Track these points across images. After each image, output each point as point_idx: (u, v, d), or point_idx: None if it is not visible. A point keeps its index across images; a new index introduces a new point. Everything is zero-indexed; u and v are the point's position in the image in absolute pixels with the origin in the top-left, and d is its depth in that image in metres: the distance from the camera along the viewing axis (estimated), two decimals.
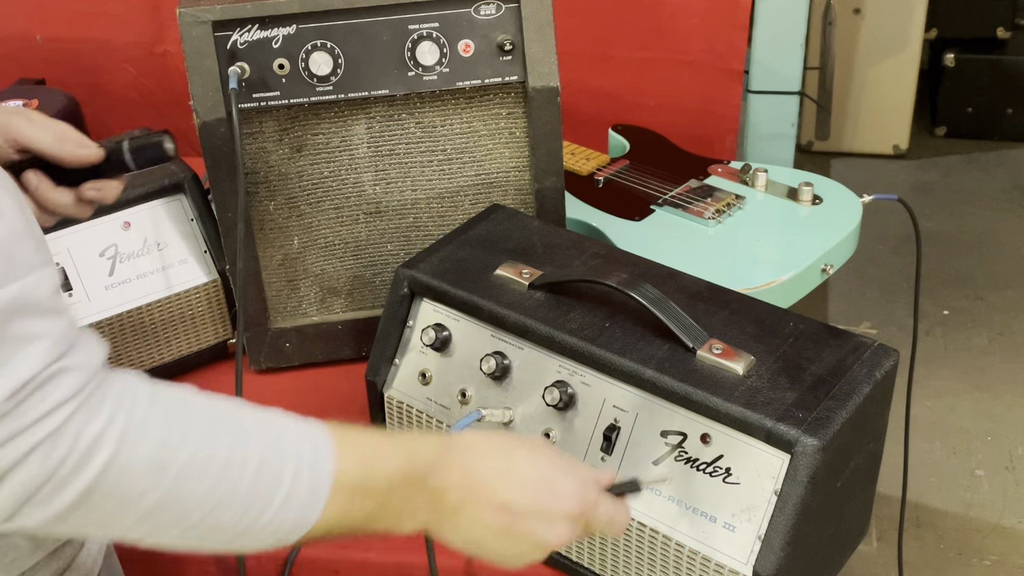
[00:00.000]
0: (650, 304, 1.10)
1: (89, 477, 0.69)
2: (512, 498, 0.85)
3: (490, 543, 0.86)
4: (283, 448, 0.78)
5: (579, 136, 1.86)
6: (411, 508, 0.84)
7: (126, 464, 0.70)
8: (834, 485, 1.06)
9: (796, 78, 2.35)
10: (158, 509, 0.72)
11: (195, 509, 0.74)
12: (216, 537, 0.76)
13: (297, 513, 0.77)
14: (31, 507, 0.69)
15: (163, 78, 2.42)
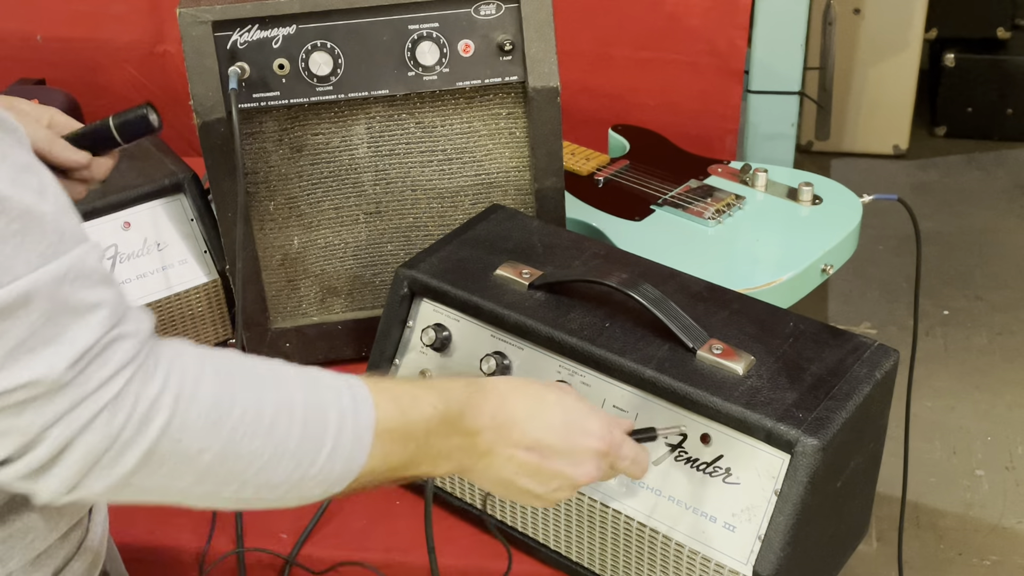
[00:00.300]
0: (650, 304, 1.10)
1: (150, 439, 0.71)
2: (542, 437, 0.88)
3: (521, 482, 0.89)
4: (325, 400, 0.80)
5: (579, 136, 1.86)
6: (447, 450, 0.87)
7: (183, 424, 0.72)
8: (834, 485, 1.06)
9: (796, 78, 2.35)
10: (215, 467, 0.74)
11: (249, 465, 0.76)
12: (269, 492, 0.78)
13: (344, 462, 0.80)
14: (95, 474, 0.70)
15: (163, 78, 2.42)
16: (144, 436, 0.71)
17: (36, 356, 0.67)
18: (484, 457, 0.88)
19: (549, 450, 0.89)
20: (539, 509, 1.17)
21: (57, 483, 0.71)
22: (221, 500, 0.78)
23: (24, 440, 0.69)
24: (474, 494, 1.24)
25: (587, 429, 0.91)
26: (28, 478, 0.71)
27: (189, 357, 0.75)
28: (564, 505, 1.14)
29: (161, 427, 0.71)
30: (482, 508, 1.24)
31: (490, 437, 0.88)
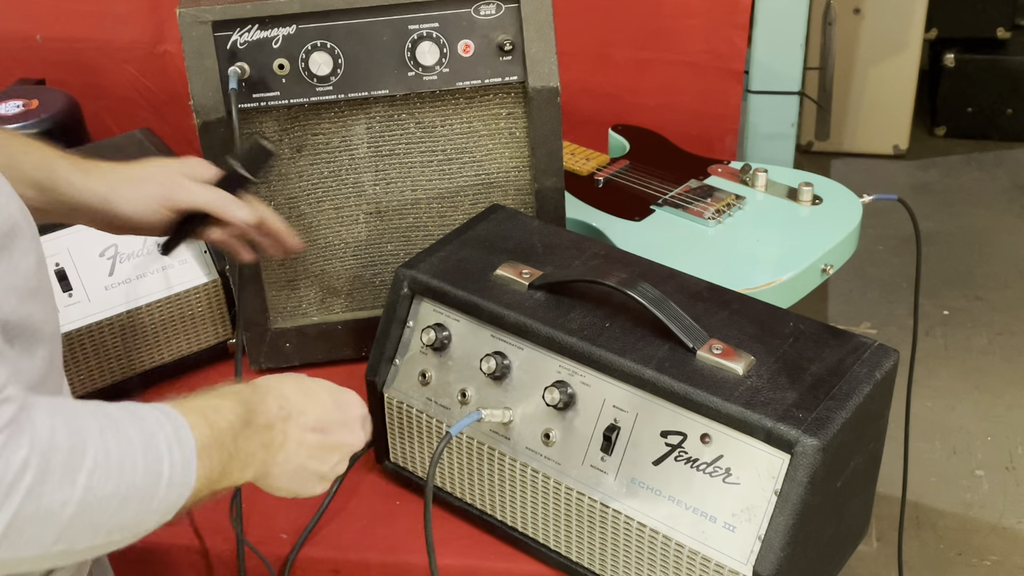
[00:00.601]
0: (650, 304, 1.10)
1: (15, 503, 0.70)
2: (321, 416, 0.99)
3: (311, 466, 0.98)
4: (154, 433, 0.81)
5: (579, 136, 1.86)
6: (251, 451, 0.91)
7: (44, 479, 0.71)
8: (834, 485, 1.06)
9: (796, 78, 2.35)
10: (75, 519, 0.74)
11: (105, 510, 0.76)
12: (119, 534, 0.79)
13: (178, 488, 0.82)
14: None
15: (163, 78, 2.42)
16: (11, 501, 0.69)
17: None
18: (281, 449, 0.95)
19: (330, 425, 0.99)
20: (539, 509, 1.17)
21: None
22: (71, 556, 0.77)
23: None
24: (474, 494, 1.24)
25: (349, 400, 1.03)
26: None
27: (41, 408, 0.74)
28: (564, 505, 1.14)
29: (26, 489, 0.70)
30: (482, 508, 1.24)
31: (281, 428, 0.95)
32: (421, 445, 1.27)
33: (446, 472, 1.25)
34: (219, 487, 0.88)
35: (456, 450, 1.22)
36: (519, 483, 1.18)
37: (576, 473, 1.12)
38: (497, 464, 1.19)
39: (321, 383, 1.03)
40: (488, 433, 1.18)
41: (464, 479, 1.24)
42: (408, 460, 1.30)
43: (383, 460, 1.33)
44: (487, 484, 1.21)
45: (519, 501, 1.19)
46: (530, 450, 1.15)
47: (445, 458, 1.24)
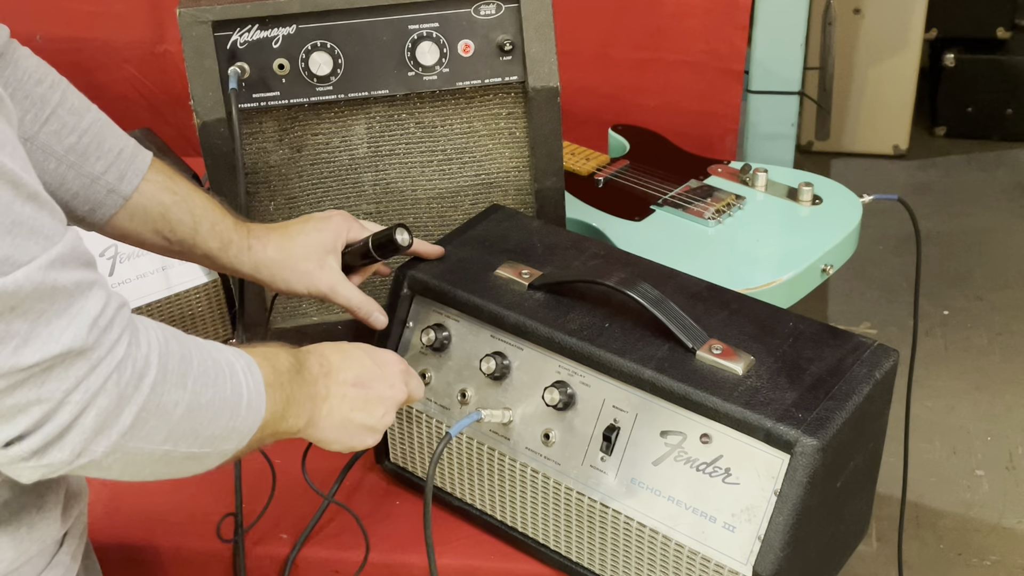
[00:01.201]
0: (649, 304, 1.10)
1: (143, 395, 0.77)
2: (359, 373, 1.06)
3: (356, 418, 1.05)
4: (232, 361, 0.89)
5: (579, 136, 1.87)
6: (301, 399, 0.98)
7: (164, 378, 0.79)
8: (834, 485, 1.06)
9: (796, 78, 2.35)
10: (183, 419, 0.81)
11: (204, 415, 0.83)
12: (209, 445, 0.86)
13: (253, 414, 0.89)
14: (100, 437, 0.75)
15: (163, 78, 2.42)
16: (140, 392, 0.77)
17: (60, 328, 0.72)
18: (325, 401, 1.02)
19: (369, 380, 1.06)
20: (539, 509, 1.17)
21: (67, 452, 0.74)
22: (171, 462, 0.83)
23: (46, 410, 0.73)
24: (474, 494, 1.24)
25: (387, 358, 1.10)
26: (38, 453, 0.74)
27: (143, 318, 0.82)
28: (564, 505, 1.14)
29: (152, 382, 0.78)
30: (482, 508, 1.24)
31: (324, 383, 1.02)
32: (421, 445, 1.27)
33: (446, 472, 1.25)
34: (280, 428, 0.95)
35: (456, 450, 1.22)
36: (519, 483, 1.18)
37: (576, 473, 1.12)
38: (497, 464, 1.19)
39: (358, 345, 1.10)
40: (488, 433, 1.18)
41: (464, 479, 1.24)
42: (408, 460, 1.30)
43: (383, 460, 1.33)
44: (487, 484, 1.22)
45: (519, 501, 1.19)
46: (530, 450, 1.15)
47: (445, 458, 1.24)
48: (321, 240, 1.20)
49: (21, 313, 0.70)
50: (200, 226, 1.16)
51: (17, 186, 0.71)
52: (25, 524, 0.89)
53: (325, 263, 1.20)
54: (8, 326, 0.70)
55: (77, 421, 0.74)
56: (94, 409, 0.74)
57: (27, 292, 0.70)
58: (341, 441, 1.06)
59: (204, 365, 0.84)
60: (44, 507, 0.91)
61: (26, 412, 0.72)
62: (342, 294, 1.21)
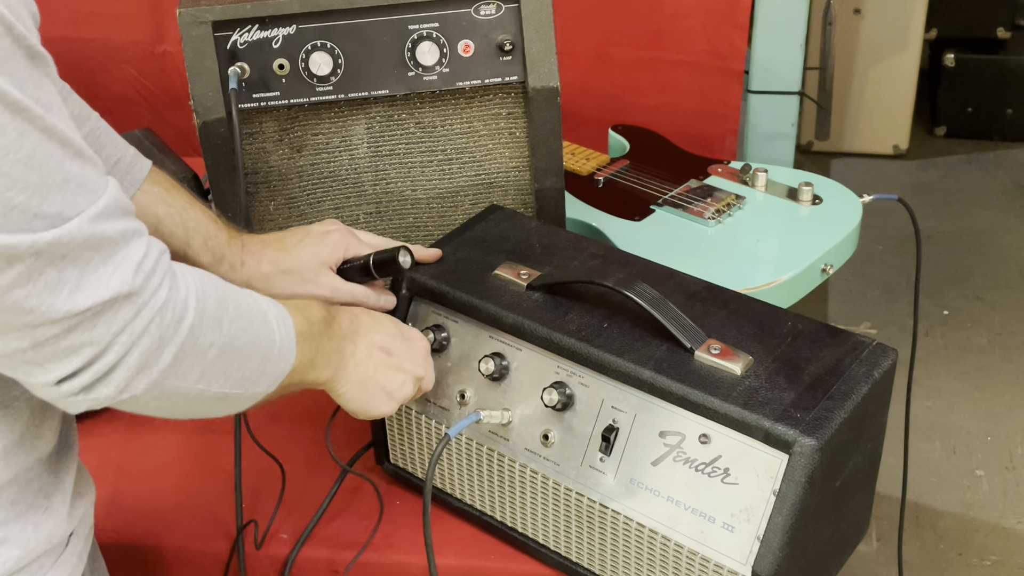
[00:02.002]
0: (648, 304, 1.10)
1: (183, 335, 0.82)
2: (386, 340, 1.10)
3: (379, 378, 1.08)
4: (266, 308, 0.94)
5: (579, 136, 1.86)
6: (329, 352, 1.02)
7: (201, 320, 0.84)
8: (833, 485, 1.06)
9: (796, 78, 2.35)
10: (216, 360, 0.86)
11: (237, 357, 0.88)
12: (240, 386, 0.90)
13: (284, 359, 0.94)
14: (142, 374, 0.80)
15: (163, 78, 2.42)
16: (179, 334, 0.82)
17: (107, 274, 0.77)
18: (352, 358, 1.06)
19: (395, 349, 1.10)
20: (538, 510, 1.17)
21: (112, 388, 0.80)
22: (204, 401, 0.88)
23: (96, 351, 0.77)
24: (473, 495, 1.24)
25: (413, 335, 1.14)
26: (87, 388, 0.79)
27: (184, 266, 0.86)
28: (563, 505, 1.14)
29: (190, 325, 0.82)
30: (481, 509, 1.24)
31: (353, 340, 1.06)
32: (420, 446, 1.27)
33: (445, 473, 1.25)
34: (308, 377, 1.00)
35: (455, 451, 1.22)
36: (518, 484, 1.18)
37: (575, 474, 1.12)
38: (496, 465, 1.19)
39: (389, 316, 1.15)
40: (487, 434, 1.18)
41: (463, 480, 1.24)
42: (408, 461, 1.30)
43: (383, 461, 1.33)
44: (486, 485, 1.22)
45: (518, 502, 1.19)
46: (529, 451, 1.15)
47: (444, 459, 1.24)
48: (319, 254, 1.21)
49: (72, 261, 0.75)
50: (192, 240, 1.18)
51: (65, 145, 0.75)
52: (32, 523, 0.90)
53: (320, 276, 1.21)
54: (60, 274, 0.74)
55: (123, 360, 0.79)
56: (138, 349, 0.79)
57: (78, 243, 0.75)
58: (360, 400, 1.08)
59: (239, 310, 0.88)
60: (51, 507, 0.92)
61: (78, 353, 0.77)
62: (344, 290, 1.22)
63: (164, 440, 1.41)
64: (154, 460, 1.38)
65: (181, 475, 1.37)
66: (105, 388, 0.79)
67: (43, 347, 0.76)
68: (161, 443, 1.40)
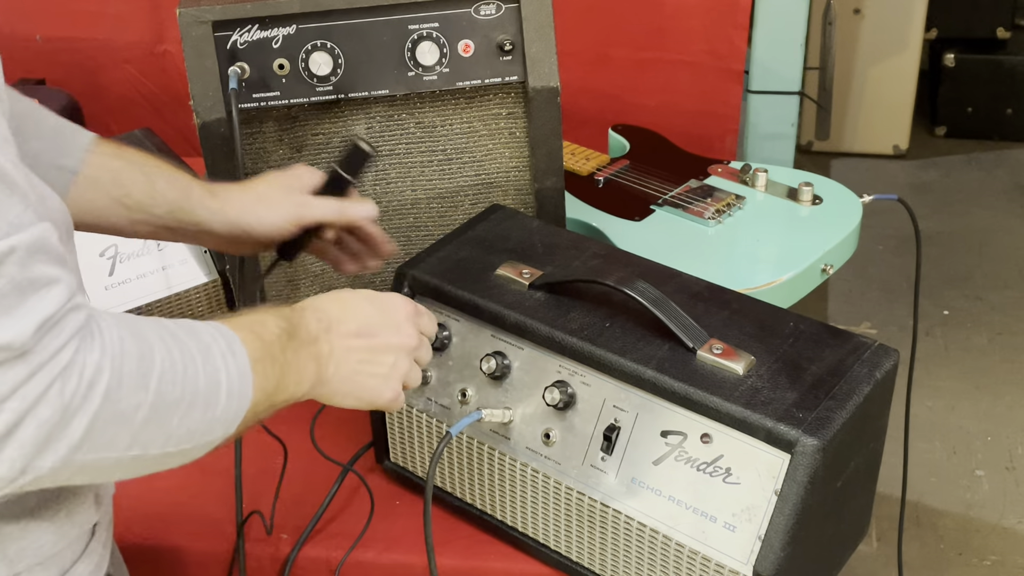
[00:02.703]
0: (650, 304, 1.10)
1: (95, 404, 0.71)
2: (362, 322, 0.99)
3: (366, 370, 0.99)
4: (210, 346, 0.83)
5: (579, 136, 1.86)
6: (301, 364, 0.93)
7: (119, 383, 0.73)
8: (834, 485, 1.06)
9: (796, 78, 2.35)
10: (147, 423, 0.76)
11: (174, 414, 0.78)
12: (188, 442, 0.81)
13: (238, 399, 0.84)
14: (45, 451, 0.70)
15: (163, 78, 2.42)
16: (90, 402, 0.71)
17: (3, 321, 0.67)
18: (330, 359, 0.96)
19: (373, 328, 0.99)
20: (539, 509, 1.17)
21: (5, 467, 0.69)
22: (145, 463, 0.79)
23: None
24: (474, 494, 1.24)
25: (391, 303, 1.02)
26: None
27: (106, 317, 0.76)
28: (564, 505, 1.14)
29: (104, 391, 0.72)
30: (482, 508, 1.24)
31: (326, 339, 0.96)
32: (421, 445, 1.27)
33: (446, 472, 1.25)
34: (278, 400, 0.90)
35: (456, 450, 1.22)
36: (519, 483, 1.18)
37: (576, 473, 1.12)
38: (497, 464, 1.19)
39: (360, 292, 1.03)
40: (488, 433, 1.18)
41: (464, 479, 1.24)
42: (408, 460, 1.30)
43: (383, 460, 1.33)
44: (487, 484, 1.21)
45: (519, 501, 1.19)
46: (530, 450, 1.15)
47: (445, 458, 1.24)
48: (285, 180, 1.18)
49: None
50: (156, 182, 1.11)
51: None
52: (64, 510, 0.89)
53: (290, 197, 1.17)
54: None
55: (14, 433, 0.68)
56: (34, 420, 0.68)
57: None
58: (354, 395, 0.99)
59: (170, 359, 0.78)
60: (79, 492, 0.91)
61: None
62: (316, 204, 1.17)
63: None
64: None
65: (181, 475, 1.36)
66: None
67: None
68: None
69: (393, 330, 1.01)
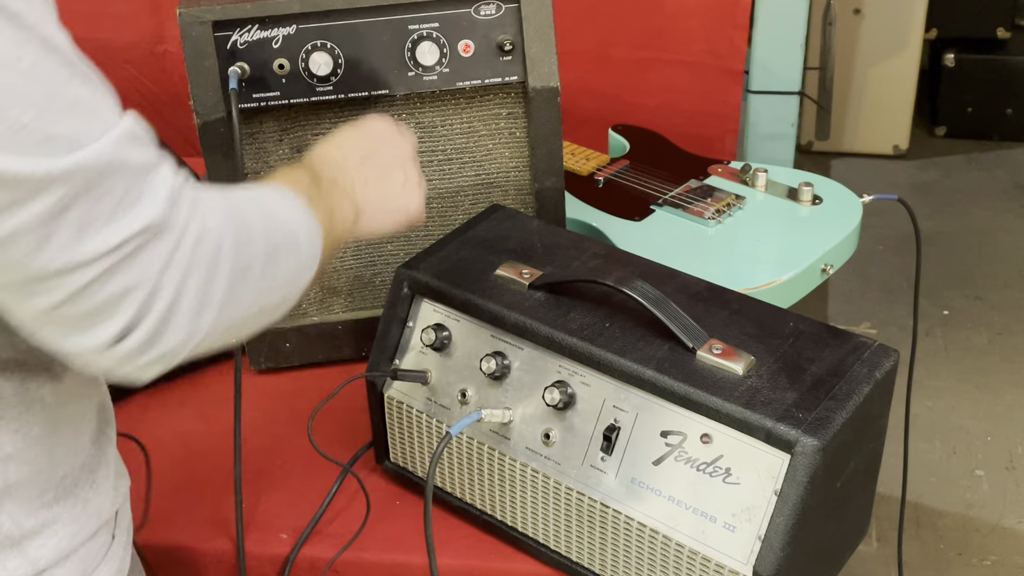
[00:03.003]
0: (650, 304, 1.10)
1: (228, 263, 0.76)
2: (361, 151, 1.06)
3: (387, 187, 1.06)
4: (273, 197, 0.88)
5: (579, 136, 1.86)
6: (337, 203, 0.98)
7: (237, 240, 0.77)
8: (834, 485, 1.06)
9: (796, 78, 2.35)
10: (263, 274, 0.81)
11: (276, 262, 0.83)
12: (289, 285, 0.86)
13: (314, 239, 0.89)
14: (202, 315, 0.75)
15: (163, 78, 2.42)
16: (224, 261, 0.76)
17: (136, 204, 0.71)
18: (355, 191, 1.02)
19: (372, 151, 1.06)
20: (539, 509, 1.17)
21: (181, 335, 0.74)
22: (265, 313, 0.84)
23: (145, 294, 0.71)
24: (474, 494, 1.24)
25: (374, 125, 1.09)
26: (149, 341, 0.73)
27: (199, 184, 0.79)
28: (564, 505, 1.14)
29: (231, 249, 0.76)
30: (482, 508, 1.24)
31: (342, 177, 1.02)
32: (421, 445, 1.27)
33: (446, 472, 1.25)
34: (335, 237, 0.96)
35: (456, 450, 1.22)
36: (519, 483, 1.18)
37: (576, 473, 1.12)
38: (497, 464, 1.19)
39: (342, 130, 1.09)
40: (488, 433, 1.18)
41: (464, 479, 1.24)
42: (408, 460, 1.30)
43: (383, 460, 1.33)
44: (487, 484, 1.22)
45: (519, 501, 1.19)
46: (530, 450, 1.15)
47: (445, 458, 1.24)
48: None
49: (94, 192, 0.69)
50: None
51: (70, 64, 0.70)
52: (81, 499, 0.90)
53: None
54: (83, 206, 0.68)
55: (179, 300, 0.73)
56: (190, 286, 0.73)
57: (99, 170, 0.69)
58: (390, 212, 1.06)
59: (259, 214, 0.83)
60: (96, 482, 0.91)
61: (126, 300, 0.71)
62: None
63: (163, 440, 1.41)
64: (154, 460, 1.38)
65: (181, 474, 1.37)
66: (172, 337, 0.73)
67: (80, 299, 0.69)
68: (161, 443, 1.40)
69: (389, 146, 1.08)
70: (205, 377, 1.53)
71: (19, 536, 0.85)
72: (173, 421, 1.44)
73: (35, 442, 0.85)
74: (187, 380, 1.51)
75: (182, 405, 1.47)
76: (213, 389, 1.50)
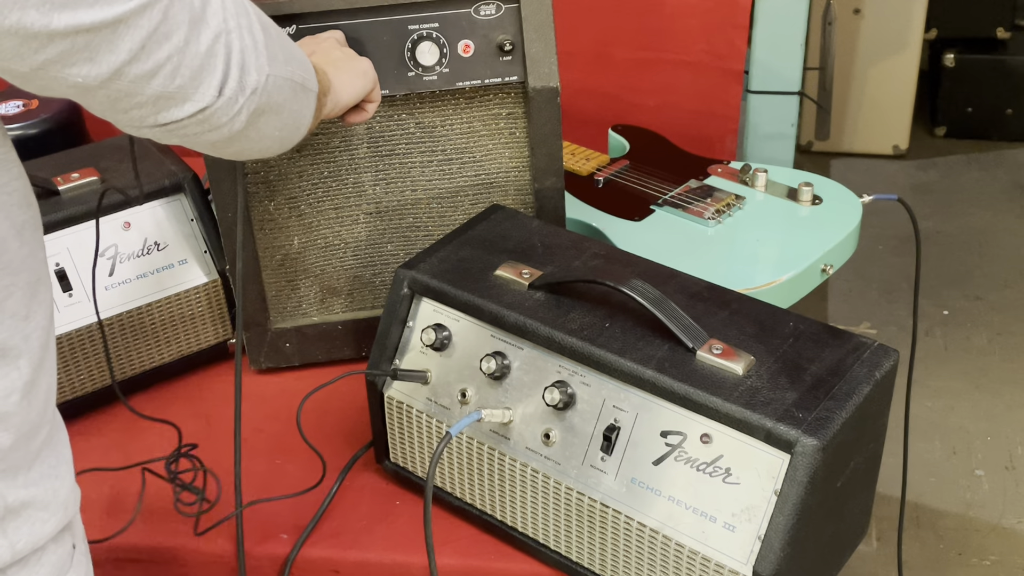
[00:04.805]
0: (650, 304, 1.10)
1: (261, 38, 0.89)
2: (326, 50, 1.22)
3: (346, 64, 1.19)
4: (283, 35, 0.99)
5: (579, 136, 1.86)
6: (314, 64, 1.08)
7: (267, 32, 0.91)
8: (834, 485, 1.06)
9: (796, 78, 2.35)
10: (289, 59, 0.95)
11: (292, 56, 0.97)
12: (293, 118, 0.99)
13: (309, 72, 1.02)
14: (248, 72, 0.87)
15: None
16: (251, 6, 0.89)
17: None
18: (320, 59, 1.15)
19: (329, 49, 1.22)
20: (539, 509, 1.17)
21: (255, 74, 0.87)
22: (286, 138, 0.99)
23: (224, 41, 0.83)
24: (474, 494, 1.24)
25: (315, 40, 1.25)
26: (240, 84, 0.86)
27: None
28: (564, 505, 1.14)
29: (262, 30, 0.89)
30: (482, 508, 1.24)
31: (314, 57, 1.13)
32: (421, 445, 1.27)
33: (446, 472, 1.25)
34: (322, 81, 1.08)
35: (456, 450, 1.22)
36: (519, 483, 1.18)
37: (576, 473, 1.12)
38: (497, 464, 1.19)
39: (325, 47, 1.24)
40: (488, 433, 1.18)
41: (464, 479, 1.24)
42: (408, 460, 1.30)
43: (383, 460, 1.33)
44: (487, 484, 1.22)
45: (519, 501, 1.19)
46: (530, 450, 1.15)
47: (445, 458, 1.24)
48: None
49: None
50: None
51: None
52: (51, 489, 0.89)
53: None
54: None
55: (243, 41, 0.85)
56: (237, 47, 0.85)
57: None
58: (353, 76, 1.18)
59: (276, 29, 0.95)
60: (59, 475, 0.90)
61: (214, 52, 0.82)
62: None
63: (163, 440, 1.41)
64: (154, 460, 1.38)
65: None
66: (252, 75, 0.86)
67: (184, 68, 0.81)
68: (160, 443, 1.40)
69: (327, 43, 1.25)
70: (206, 377, 1.53)
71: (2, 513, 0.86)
72: (168, 416, 1.44)
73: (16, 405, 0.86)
74: (188, 379, 1.51)
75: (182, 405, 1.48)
76: (213, 389, 1.51)
